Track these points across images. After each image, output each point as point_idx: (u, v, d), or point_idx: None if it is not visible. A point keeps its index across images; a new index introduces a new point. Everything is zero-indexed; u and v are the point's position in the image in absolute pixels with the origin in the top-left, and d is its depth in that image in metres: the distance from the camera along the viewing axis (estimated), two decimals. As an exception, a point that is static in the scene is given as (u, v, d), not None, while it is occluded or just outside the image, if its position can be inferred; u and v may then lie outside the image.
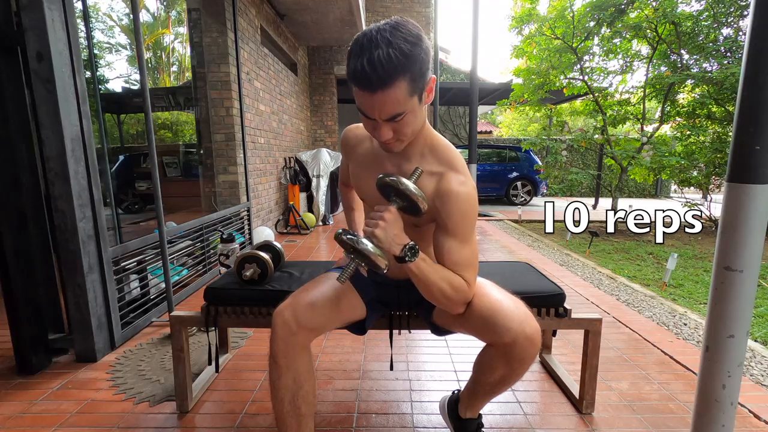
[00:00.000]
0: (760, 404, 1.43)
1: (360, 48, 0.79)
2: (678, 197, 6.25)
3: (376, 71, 0.76)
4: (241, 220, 3.62)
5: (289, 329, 0.94)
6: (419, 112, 0.87)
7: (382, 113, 0.82)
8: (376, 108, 0.81)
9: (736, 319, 0.85)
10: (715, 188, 5.65)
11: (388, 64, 0.76)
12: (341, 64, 7.31)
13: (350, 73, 0.80)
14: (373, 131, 0.88)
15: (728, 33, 5.15)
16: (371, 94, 0.79)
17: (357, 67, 0.78)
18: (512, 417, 1.37)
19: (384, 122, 0.84)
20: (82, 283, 1.68)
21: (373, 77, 0.77)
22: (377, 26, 0.81)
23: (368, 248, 0.83)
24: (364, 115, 0.86)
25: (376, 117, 0.83)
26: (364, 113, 0.85)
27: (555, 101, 8.15)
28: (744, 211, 0.82)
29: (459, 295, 0.92)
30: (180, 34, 9.91)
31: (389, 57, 0.76)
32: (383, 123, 0.84)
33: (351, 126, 1.13)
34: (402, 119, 0.84)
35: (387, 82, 0.78)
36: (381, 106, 0.81)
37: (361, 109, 0.84)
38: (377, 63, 0.76)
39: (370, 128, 0.89)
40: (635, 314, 2.29)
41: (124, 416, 1.37)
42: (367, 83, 0.78)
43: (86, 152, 1.68)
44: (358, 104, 0.85)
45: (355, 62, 0.78)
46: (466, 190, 0.93)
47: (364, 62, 0.77)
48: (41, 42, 1.51)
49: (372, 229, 0.85)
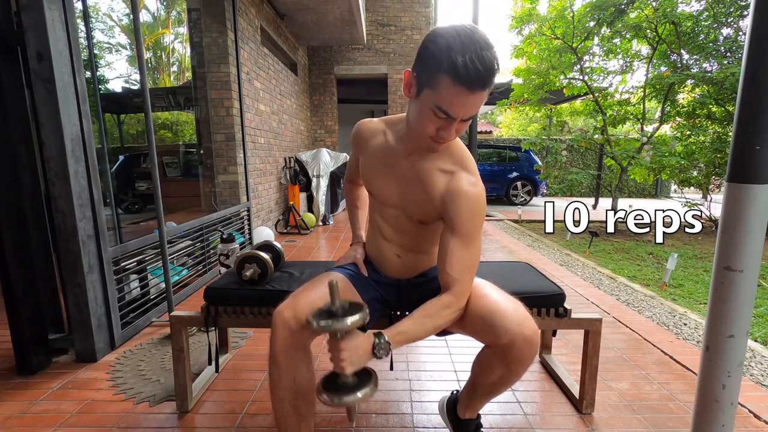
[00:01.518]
0: (760, 404, 1.43)
1: (462, 45, 0.77)
2: (678, 197, 6.25)
3: (486, 69, 0.77)
4: (241, 220, 3.62)
5: (290, 329, 0.93)
6: None
7: (468, 112, 0.83)
8: (467, 106, 0.82)
9: (736, 319, 0.85)
10: (715, 188, 5.65)
11: (493, 67, 0.78)
12: (341, 64, 7.31)
13: (454, 67, 0.77)
14: (437, 131, 0.87)
15: (728, 33, 5.15)
16: (469, 93, 0.79)
17: (466, 64, 0.76)
18: (512, 417, 1.37)
19: (459, 122, 0.85)
20: (82, 283, 1.68)
21: (482, 76, 0.77)
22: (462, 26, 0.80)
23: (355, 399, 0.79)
24: (440, 112, 0.83)
25: (459, 116, 0.83)
26: (444, 110, 0.83)
27: (555, 101, 8.14)
28: (744, 211, 0.82)
29: (452, 314, 0.93)
30: (180, 34, 9.92)
31: (494, 59, 0.78)
32: (457, 123, 0.85)
33: (363, 120, 1.13)
34: (469, 120, 0.86)
35: (488, 83, 0.79)
36: (471, 105, 0.82)
37: (440, 105, 0.82)
38: (487, 63, 0.77)
39: (433, 127, 0.87)
40: (635, 314, 2.29)
41: (124, 416, 1.37)
42: (473, 82, 0.78)
43: (86, 152, 1.68)
44: (438, 100, 0.82)
45: (461, 59, 0.76)
46: (476, 191, 0.93)
47: (474, 60, 0.76)
48: (41, 42, 1.51)
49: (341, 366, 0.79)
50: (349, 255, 1.22)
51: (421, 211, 1.01)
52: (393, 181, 1.04)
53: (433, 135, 0.88)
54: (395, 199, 1.05)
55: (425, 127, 0.88)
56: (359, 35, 5.99)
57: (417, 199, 1.00)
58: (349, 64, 7.32)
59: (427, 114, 0.86)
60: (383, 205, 1.09)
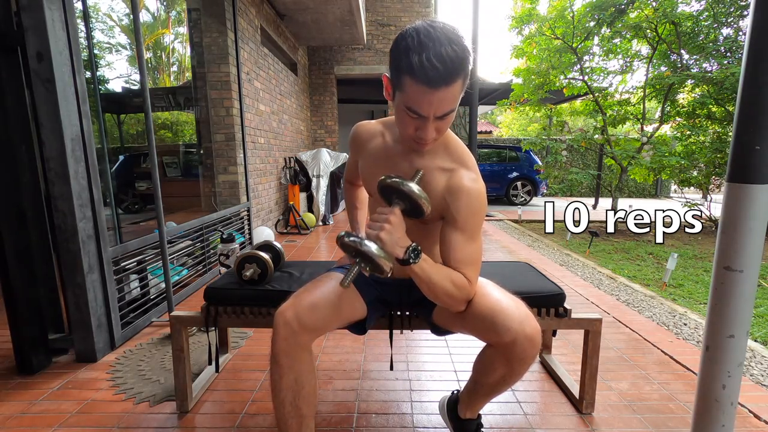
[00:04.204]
0: (760, 404, 1.43)
1: (419, 44, 0.77)
2: (678, 197, 6.25)
3: (445, 67, 0.77)
4: (241, 220, 3.62)
5: (291, 329, 0.93)
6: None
7: (438, 110, 0.82)
8: (434, 105, 0.81)
9: (736, 319, 0.85)
10: (715, 188, 5.65)
11: (454, 62, 0.77)
12: (341, 64, 7.30)
13: (411, 67, 0.78)
14: (415, 131, 0.87)
15: (728, 33, 5.15)
16: (433, 91, 0.79)
17: (422, 63, 0.76)
18: (512, 417, 1.37)
19: (433, 120, 0.84)
20: (82, 283, 1.68)
21: (440, 73, 0.77)
22: (423, 24, 0.80)
23: (373, 251, 0.81)
24: (411, 113, 0.84)
25: (430, 114, 0.83)
26: (414, 110, 0.83)
27: (555, 101, 8.14)
28: (744, 211, 0.82)
29: (461, 293, 0.92)
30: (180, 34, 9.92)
31: (455, 54, 0.77)
32: (431, 121, 0.84)
33: (361, 122, 1.14)
34: (448, 117, 0.85)
35: (451, 79, 0.78)
36: (439, 103, 0.81)
37: (409, 106, 0.83)
38: (446, 59, 0.76)
39: (411, 128, 0.87)
40: (635, 314, 2.29)
41: (124, 416, 1.37)
42: (432, 79, 0.77)
43: (86, 152, 1.68)
44: (407, 101, 0.83)
45: (416, 57, 0.77)
46: (477, 187, 0.94)
47: (430, 57, 0.76)
48: (41, 42, 1.51)
49: (376, 232, 0.84)
50: (350, 255, 1.22)
51: None
52: None
53: (412, 135, 0.89)
54: None
55: (404, 128, 0.89)
56: (359, 35, 5.99)
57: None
58: (349, 64, 7.31)
59: (402, 115, 0.87)
60: (383, 206, 1.09)
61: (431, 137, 0.87)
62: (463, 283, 0.92)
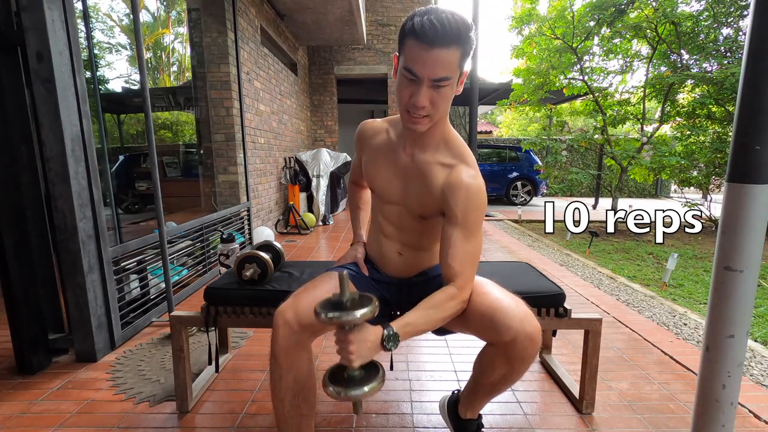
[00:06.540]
0: (760, 404, 1.43)
1: (425, 11, 0.83)
2: (678, 197, 6.25)
3: (443, 27, 0.81)
4: (241, 220, 3.62)
5: (291, 329, 0.93)
6: (452, 93, 0.90)
7: (432, 72, 0.84)
8: (429, 64, 0.83)
9: (736, 319, 0.85)
10: (715, 188, 5.65)
11: (453, 26, 0.81)
12: (341, 64, 7.30)
13: (412, 27, 0.83)
14: (410, 97, 0.88)
15: (728, 33, 5.15)
16: (429, 49, 0.82)
17: (423, 23, 0.81)
18: (512, 417, 1.37)
19: (427, 86, 0.86)
20: (82, 283, 1.68)
21: (437, 33, 0.80)
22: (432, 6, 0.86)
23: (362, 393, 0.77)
24: (407, 73, 0.86)
25: (425, 75, 0.84)
26: (411, 71, 0.85)
27: (555, 101, 8.14)
28: (744, 211, 0.82)
29: (455, 305, 0.93)
30: (180, 34, 9.91)
31: (455, 20, 0.82)
32: (426, 87, 0.86)
33: (367, 120, 1.16)
34: (444, 87, 0.86)
35: (448, 41, 0.82)
36: (434, 63, 0.83)
37: (406, 66, 0.86)
38: (445, 21, 0.81)
39: (407, 94, 0.89)
40: (635, 314, 2.29)
41: (124, 416, 1.37)
42: (429, 37, 0.81)
43: (86, 152, 1.68)
44: (405, 62, 0.86)
45: (419, 19, 0.82)
46: (477, 183, 0.94)
47: (431, 18, 0.81)
48: (41, 42, 1.51)
49: (349, 359, 0.77)
50: (350, 254, 1.22)
51: (421, 205, 1.01)
52: (394, 175, 1.05)
53: (407, 103, 0.89)
54: (397, 194, 1.06)
55: (401, 96, 0.90)
56: (359, 35, 5.99)
57: (417, 193, 1.01)
58: (349, 64, 7.31)
59: (401, 81, 0.89)
60: (385, 202, 1.10)
61: (423, 104, 0.87)
62: (453, 295, 0.92)
